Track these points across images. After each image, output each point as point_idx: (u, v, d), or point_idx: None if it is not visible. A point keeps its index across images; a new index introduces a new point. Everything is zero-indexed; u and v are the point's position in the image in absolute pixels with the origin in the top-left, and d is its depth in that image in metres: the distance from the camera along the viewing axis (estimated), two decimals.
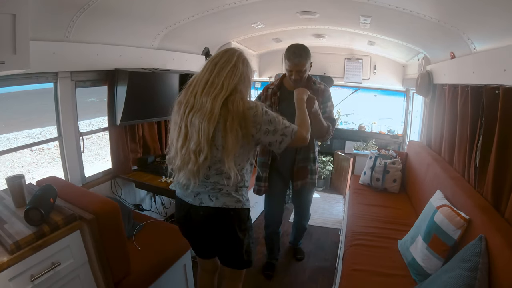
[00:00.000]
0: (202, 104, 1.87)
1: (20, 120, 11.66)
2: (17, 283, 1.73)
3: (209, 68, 1.94)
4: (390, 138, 6.23)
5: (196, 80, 1.96)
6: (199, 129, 1.86)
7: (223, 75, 1.90)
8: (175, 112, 2.05)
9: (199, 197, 2.05)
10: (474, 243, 1.88)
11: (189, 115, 1.91)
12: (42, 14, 2.44)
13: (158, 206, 4.31)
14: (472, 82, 2.64)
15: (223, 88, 1.88)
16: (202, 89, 1.90)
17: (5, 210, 2.12)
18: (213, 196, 2.03)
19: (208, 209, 2.03)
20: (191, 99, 1.92)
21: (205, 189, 2.03)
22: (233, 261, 2.25)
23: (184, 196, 2.13)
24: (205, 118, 1.84)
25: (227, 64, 1.93)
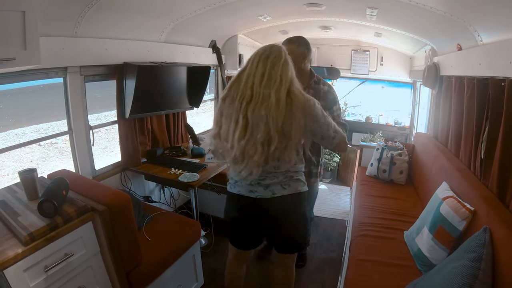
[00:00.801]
0: (264, 96, 1.90)
1: (28, 116, 11.72)
2: (31, 273, 1.77)
3: (260, 63, 1.96)
4: (397, 130, 6.24)
5: (247, 74, 1.98)
6: (268, 120, 1.88)
7: (278, 69, 1.94)
8: (226, 105, 2.04)
9: (269, 188, 2.11)
10: (479, 234, 1.90)
11: (249, 107, 1.92)
12: (51, 10, 2.46)
13: (167, 198, 4.35)
14: (478, 74, 2.64)
15: (282, 81, 1.92)
16: (260, 81, 1.92)
17: (18, 203, 2.15)
18: (285, 184, 2.12)
19: (282, 198, 2.11)
20: (247, 92, 1.94)
21: (277, 179, 2.09)
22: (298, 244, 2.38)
23: (249, 192, 2.16)
24: (273, 109, 1.87)
25: (279, 59, 1.96)
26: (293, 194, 2.13)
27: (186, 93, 4.26)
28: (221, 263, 3.61)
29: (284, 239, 2.34)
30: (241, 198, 2.22)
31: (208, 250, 3.81)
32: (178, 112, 4.39)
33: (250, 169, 1.97)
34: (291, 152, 1.98)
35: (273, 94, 1.88)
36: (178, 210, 4.51)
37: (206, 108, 6.45)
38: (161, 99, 3.88)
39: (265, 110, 1.88)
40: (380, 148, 4.34)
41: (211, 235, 4.02)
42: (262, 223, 2.29)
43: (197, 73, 4.19)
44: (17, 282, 1.69)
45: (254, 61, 1.99)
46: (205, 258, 3.42)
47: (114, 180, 3.59)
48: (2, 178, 8.01)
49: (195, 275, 3.10)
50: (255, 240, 2.47)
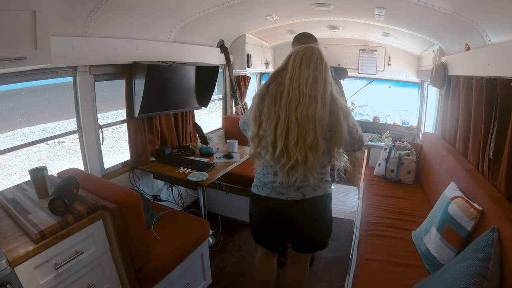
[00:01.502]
0: (311, 98, 1.89)
1: (36, 115, 11.79)
2: (41, 271, 1.79)
3: (303, 63, 1.94)
4: (404, 129, 6.21)
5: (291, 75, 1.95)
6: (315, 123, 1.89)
7: (322, 71, 1.94)
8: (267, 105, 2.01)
9: (300, 190, 2.11)
10: (487, 234, 1.90)
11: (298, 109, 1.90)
12: (61, 10, 2.48)
13: (175, 197, 4.37)
14: (486, 74, 2.63)
15: (326, 84, 1.93)
16: (306, 83, 1.90)
17: (28, 201, 2.18)
18: (316, 186, 2.12)
19: (312, 200, 2.13)
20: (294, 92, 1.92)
21: (308, 181, 2.07)
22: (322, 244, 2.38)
23: (280, 194, 2.15)
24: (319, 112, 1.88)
25: (321, 61, 1.96)
26: (323, 195, 2.16)
27: (194, 93, 4.28)
28: (229, 261, 3.64)
29: (309, 239, 2.34)
30: (270, 201, 2.19)
31: (216, 249, 3.83)
32: (186, 112, 4.42)
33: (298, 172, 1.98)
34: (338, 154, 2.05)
35: (319, 96, 1.89)
36: (186, 209, 4.53)
37: (213, 108, 6.47)
38: (169, 98, 3.90)
39: (311, 113, 1.88)
40: (388, 148, 4.33)
41: (219, 234, 4.04)
42: (290, 225, 2.27)
43: (205, 73, 4.20)
44: (27, 279, 1.71)
45: (296, 61, 1.96)
46: (213, 256, 3.44)
47: (123, 179, 3.62)
48: (10, 177, 8.08)
49: (203, 274, 3.11)
50: (282, 242, 2.52)
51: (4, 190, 2.37)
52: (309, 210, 2.15)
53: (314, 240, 2.34)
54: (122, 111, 3.52)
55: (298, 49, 2.00)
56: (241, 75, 5.85)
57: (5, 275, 1.59)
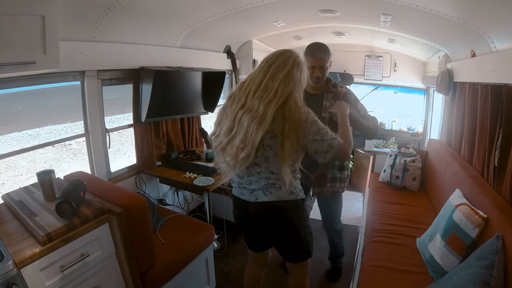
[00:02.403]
0: (253, 106, 1.91)
1: (42, 117, 11.85)
2: (47, 273, 1.81)
3: (263, 69, 1.96)
4: (410, 136, 6.20)
5: (250, 79, 2.00)
6: (247, 129, 1.90)
7: (277, 80, 1.91)
8: (227, 106, 2.09)
9: (254, 193, 2.13)
10: (491, 241, 1.90)
11: (239, 113, 1.96)
12: (69, 15, 2.51)
13: (180, 201, 4.39)
14: (492, 81, 2.63)
15: (277, 94, 1.90)
16: (255, 90, 1.93)
17: (35, 204, 2.20)
18: (266, 191, 2.09)
19: (263, 204, 2.11)
20: (243, 98, 1.98)
21: (259, 185, 2.10)
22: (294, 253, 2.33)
23: (240, 194, 2.23)
24: (255, 121, 1.88)
25: (282, 68, 1.93)
26: (274, 201, 2.09)
27: (201, 98, 4.30)
28: (233, 266, 3.64)
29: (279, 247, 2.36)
30: (236, 199, 2.30)
31: (221, 254, 3.82)
32: (193, 117, 4.44)
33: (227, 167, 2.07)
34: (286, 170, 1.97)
35: (261, 106, 1.88)
36: (191, 213, 4.54)
37: None
38: (176, 103, 3.93)
39: (248, 121, 1.91)
40: (394, 155, 4.33)
41: (223, 239, 4.03)
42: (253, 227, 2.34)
43: (212, 78, 4.22)
44: (33, 281, 1.72)
45: (259, 66, 2.00)
46: (217, 261, 3.44)
47: (129, 183, 3.64)
48: (16, 178, 8.13)
49: (207, 278, 3.12)
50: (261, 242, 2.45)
51: (11, 192, 2.39)
52: (259, 213, 2.16)
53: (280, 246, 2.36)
54: (128, 115, 3.53)
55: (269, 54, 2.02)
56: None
57: (11, 276, 1.60)
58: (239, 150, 1.94)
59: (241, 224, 2.41)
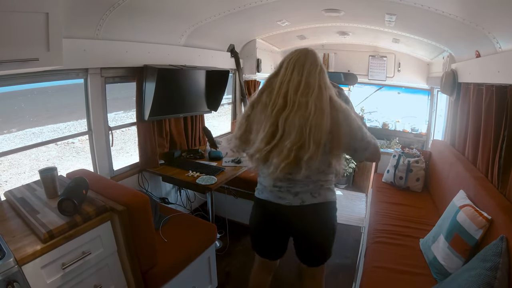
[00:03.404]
0: (301, 104, 1.83)
1: (45, 115, 11.89)
2: (48, 270, 1.80)
3: (295, 69, 1.90)
4: (413, 136, 6.18)
5: (281, 81, 1.92)
6: (302, 128, 1.82)
7: (315, 77, 1.88)
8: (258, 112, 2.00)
9: (299, 196, 2.04)
10: (495, 243, 1.89)
11: (282, 115, 1.86)
12: (73, 12, 2.51)
13: (183, 200, 4.39)
14: (497, 81, 2.61)
15: (321, 89, 1.87)
16: (296, 90, 1.86)
17: (37, 201, 2.20)
18: (315, 193, 2.04)
19: (311, 207, 2.04)
20: (279, 100, 1.88)
21: (307, 187, 2.03)
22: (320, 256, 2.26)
23: (278, 198, 2.09)
24: (313, 118, 1.81)
25: (315, 65, 1.91)
26: (323, 203, 2.06)
27: (204, 97, 4.31)
28: (235, 266, 3.64)
29: (310, 250, 2.25)
30: (269, 204, 2.14)
31: (223, 253, 3.83)
32: (196, 115, 4.44)
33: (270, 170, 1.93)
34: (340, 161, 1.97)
35: (311, 103, 1.83)
36: (194, 212, 4.54)
37: (222, 112, 6.49)
38: (179, 102, 3.93)
39: (300, 119, 1.83)
40: (397, 155, 4.32)
41: (226, 238, 4.04)
42: (289, 232, 2.23)
43: (215, 77, 4.23)
44: (34, 278, 1.72)
45: (288, 67, 1.93)
46: (219, 260, 3.44)
47: (132, 181, 3.65)
48: (19, 176, 8.15)
49: (209, 277, 3.11)
50: (281, 250, 2.38)
51: (13, 189, 2.39)
52: (307, 217, 2.08)
53: (315, 251, 2.24)
54: (131, 113, 3.54)
55: (292, 54, 1.97)
56: (251, 80, 5.85)
57: (12, 274, 1.60)
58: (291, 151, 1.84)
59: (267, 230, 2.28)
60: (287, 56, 1.99)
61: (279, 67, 1.99)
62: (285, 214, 2.10)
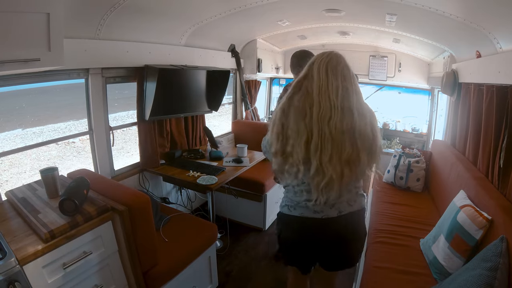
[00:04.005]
0: (343, 110, 1.75)
1: (46, 114, 11.88)
2: (50, 270, 1.81)
3: (328, 72, 1.79)
4: (414, 136, 6.18)
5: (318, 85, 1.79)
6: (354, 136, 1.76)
7: (351, 81, 1.83)
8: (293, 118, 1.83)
9: (336, 207, 1.95)
10: (495, 243, 1.89)
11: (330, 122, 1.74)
12: (74, 13, 2.52)
13: (184, 200, 4.40)
14: (497, 82, 2.61)
15: (359, 94, 1.85)
16: (336, 95, 1.76)
17: (38, 201, 2.21)
18: (351, 201, 1.98)
19: (348, 216, 1.97)
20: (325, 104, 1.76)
21: (343, 197, 1.93)
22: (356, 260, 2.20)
23: (314, 213, 1.97)
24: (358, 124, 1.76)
25: (347, 70, 1.85)
26: (359, 210, 2.02)
27: (205, 96, 4.31)
28: (236, 266, 3.65)
29: (343, 256, 2.14)
30: (304, 220, 2.00)
31: (223, 253, 3.83)
32: (196, 115, 4.45)
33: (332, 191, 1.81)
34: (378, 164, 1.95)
35: (355, 108, 1.77)
36: (195, 212, 4.55)
37: (223, 112, 6.48)
38: (180, 102, 3.94)
39: (347, 125, 1.75)
40: (398, 155, 4.32)
41: (226, 238, 4.04)
42: (324, 244, 2.07)
43: (216, 77, 4.24)
44: (35, 278, 1.73)
45: (321, 70, 1.81)
46: (220, 260, 3.45)
47: (132, 181, 3.65)
48: (20, 176, 8.15)
49: (210, 277, 3.12)
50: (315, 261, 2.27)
51: (14, 189, 2.40)
52: (345, 227, 1.98)
53: (347, 257, 2.15)
54: (132, 113, 3.54)
55: (322, 56, 1.86)
56: (252, 80, 5.86)
57: (13, 273, 1.61)
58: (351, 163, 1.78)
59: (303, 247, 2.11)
60: (316, 58, 1.88)
61: (307, 69, 1.87)
62: (322, 228, 1.99)
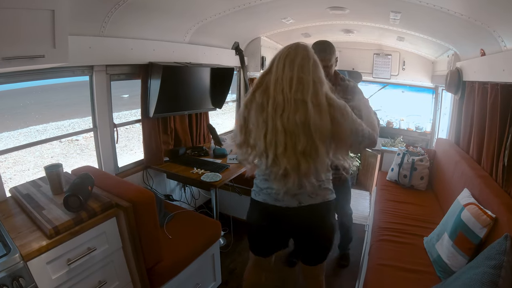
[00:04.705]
0: (297, 102, 1.77)
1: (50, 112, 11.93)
2: (54, 266, 1.82)
3: (285, 65, 1.81)
4: (418, 135, 6.16)
5: (275, 78, 1.83)
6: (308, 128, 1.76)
7: (309, 72, 1.80)
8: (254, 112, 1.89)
9: (296, 198, 1.99)
10: (500, 241, 1.88)
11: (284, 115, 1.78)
12: (79, 10, 2.52)
13: (187, 197, 4.41)
14: (502, 80, 2.61)
15: (317, 84, 1.80)
16: (290, 87, 1.78)
17: (43, 197, 2.22)
18: (312, 193, 1.99)
19: (309, 208, 2.00)
20: (278, 97, 1.80)
21: (304, 188, 1.94)
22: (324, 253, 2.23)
23: (275, 201, 2.04)
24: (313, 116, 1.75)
25: (307, 60, 1.83)
26: (321, 203, 2.01)
27: (209, 94, 4.33)
28: (239, 263, 3.65)
29: (311, 251, 2.21)
30: (266, 207, 2.09)
31: (227, 250, 3.84)
32: (200, 113, 4.46)
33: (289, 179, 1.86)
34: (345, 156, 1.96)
35: (309, 100, 1.76)
36: (198, 209, 4.56)
37: (227, 109, 6.49)
38: (184, 99, 3.95)
39: (301, 118, 1.76)
40: (401, 153, 4.31)
41: (230, 236, 4.05)
42: (286, 232, 2.20)
43: (220, 74, 4.25)
44: (39, 274, 1.74)
45: (279, 63, 1.84)
46: (223, 258, 3.45)
47: (136, 178, 3.67)
48: (24, 173, 8.19)
49: (213, 274, 3.13)
50: (275, 248, 2.36)
51: (19, 186, 2.41)
52: (305, 218, 2.03)
53: (316, 251, 2.21)
54: (135, 111, 3.55)
55: (283, 49, 1.89)
56: (255, 77, 5.82)
57: (18, 269, 1.62)
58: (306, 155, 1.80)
59: (263, 232, 2.23)
60: (278, 52, 1.91)
61: (270, 64, 1.91)
62: (283, 216, 2.06)
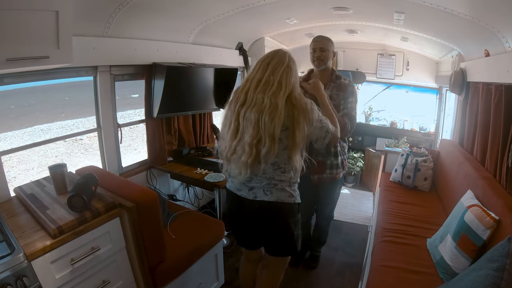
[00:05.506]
0: (258, 100, 1.94)
1: (54, 112, 11.97)
2: (57, 266, 1.83)
3: (260, 68, 2.02)
4: (421, 135, 6.13)
5: (246, 79, 2.06)
6: (258, 123, 1.93)
7: (278, 74, 1.97)
8: (226, 109, 2.14)
9: (253, 191, 2.14)
10: (503, 243, 1.87)
11: (241, 110, 1.99)
12: (83, 10, 2.53)
13: (191, 197, 4.41)
14: (506, 81, 2.60)
15: (282, 86, 1.96)
16: (255, 86, 1.98)
17: (47, 197, 2.23)
18: (267, 190, 2.11)
19: (262, 203, 2.12)
20: (241, 96, 2.01)
21: (260, 184, 2.11)
22: (282, 250, 2.34)
23: (237, 190, 2.22)
24: (266, 113, 1.91)
25: (281, 64, 2.01)
26: (275, 202, 2.11)
27: (213, 94, 4.32)
28: None
29: (267, 242, 2.36)
30: (231, 194, 2.29)
31: (230, 250, 3.84)
32: (204, 113, 4.46)
33: (239, 169, 2.04)
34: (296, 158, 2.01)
35: (267, 99, 1.92)
36: (202, 209, 4.55)
37: None
38: (188, 99, 3.95)
39: (255, 114, 1.94)
40: (405, 154, 4.30)
41: (233, 236, 4.04)
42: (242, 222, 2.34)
43: (224, 75, 4.25)
44: (43, 273, 1.74)
45: (256, 66, 2.06)
46: (226, 257, 3.45)
47: (140, 178, 3.68)
48: (28, 172, 8.22)
49: (216, 274, 3.14)
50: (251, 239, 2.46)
51: (23, 185, 2.42)
52: (258, 211, 2.16)
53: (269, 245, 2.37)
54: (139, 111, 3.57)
55: (263, 56, 2.10)
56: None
57: (21, 268, 1.63)
58: (252, 146, 1.95)
59: (233, 219, 2.40)
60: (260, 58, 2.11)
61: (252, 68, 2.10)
62: (242, 206, 2.22)
